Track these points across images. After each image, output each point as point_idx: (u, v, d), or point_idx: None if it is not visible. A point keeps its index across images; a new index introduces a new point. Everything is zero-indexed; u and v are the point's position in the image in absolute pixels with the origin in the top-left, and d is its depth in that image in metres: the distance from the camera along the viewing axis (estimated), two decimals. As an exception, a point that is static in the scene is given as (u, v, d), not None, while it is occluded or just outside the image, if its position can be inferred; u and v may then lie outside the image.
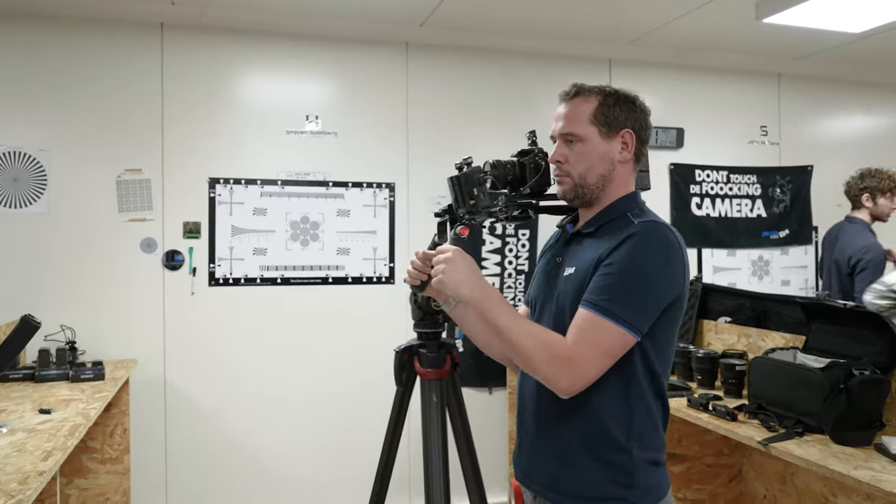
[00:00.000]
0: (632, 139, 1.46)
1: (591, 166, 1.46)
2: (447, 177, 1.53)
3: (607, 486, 1.38)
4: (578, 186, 1.47)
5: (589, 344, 1.32)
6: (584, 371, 1.33)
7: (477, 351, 4.05)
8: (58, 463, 1.85)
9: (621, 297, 1.32)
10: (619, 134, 1.46)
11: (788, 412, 2.21)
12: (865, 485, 1.74)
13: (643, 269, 1.35)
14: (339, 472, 3.73)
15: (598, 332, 1.32)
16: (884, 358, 2.19)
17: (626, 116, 1.46)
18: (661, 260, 1.37)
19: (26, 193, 3.38)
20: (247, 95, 3.66)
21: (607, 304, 1.32)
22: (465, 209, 1.50)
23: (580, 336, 1.33)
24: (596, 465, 1.39)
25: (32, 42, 3.37)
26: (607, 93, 1.48)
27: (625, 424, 1.39)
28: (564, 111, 1.49)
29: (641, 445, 1.39)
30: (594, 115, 1.45)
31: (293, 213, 3.71)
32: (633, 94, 1.50)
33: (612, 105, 1.46)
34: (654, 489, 1.41)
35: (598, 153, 1.46)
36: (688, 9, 3.52)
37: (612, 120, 1.45)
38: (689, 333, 3.25)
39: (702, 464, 2.91)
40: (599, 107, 1.45)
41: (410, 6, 3.48)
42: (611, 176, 1.47)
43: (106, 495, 3.27)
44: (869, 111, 4.84)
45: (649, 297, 1.35)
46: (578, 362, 1.32)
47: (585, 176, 1.46)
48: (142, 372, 3.45)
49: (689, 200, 4.42)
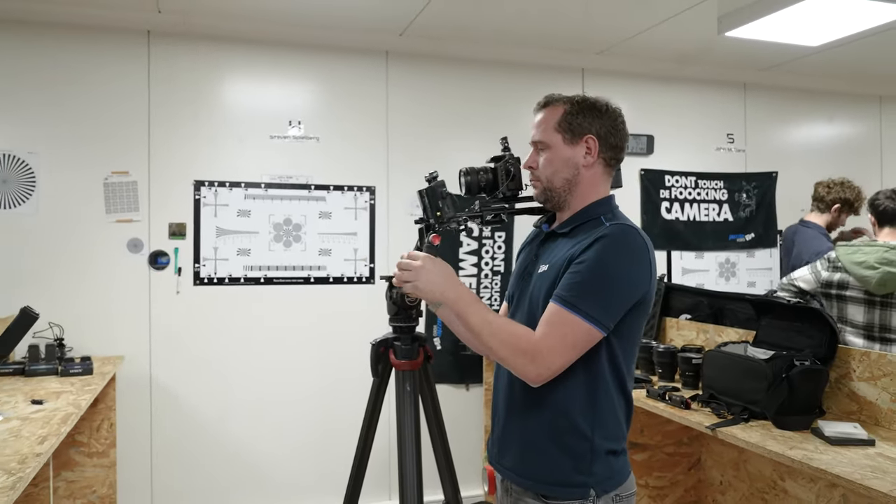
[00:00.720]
0: (595, 144, 1.56)
1: (556, 171, 1.56)
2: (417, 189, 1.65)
3: (569, 472, 1.49)
4: (547, 190, 1.58)
5: (556, 337, 1.41)
6: (551, 362, 1.42)
7: (455, 349, 4.24)
8: (53, 447, 1.97)
9: (589, 294, 1.41)
10: (582, 140, 1.55)
11: (737, 400, 2.37)
12: (798, 462, 1.90)
13: (611, 269, 1.44)
14: (321, 466, 3.85)
15: (566, 326, 1.41)
16: (823, 350, 2.36)
17: (591, 123, 1.55)
18: (627, 261, 1.46)
19: (15, 195, 3.48)
20: (231, 101, 3.79)
21: (575, 300, 1.41)
22: (433, 220, 1.62)
23: (548, 329, 1.43)
24: (559, 452, 1.50)
25: (22, 48, 3.47)
26: (574, 101, 1.58)
27: (588, 415, 1.49)
28: (536, 120, 1.61)
29: (602, 435, 1.50)
30: (559, 123, 1.56)
31: (276, 215, 3.84)
32: (604, 102, 1.59)
33: (576, 113, 1.56)
34: (615, 475, 1.52)
35: (561, 158, 1.56)
36: (652, 22, 3.70)
37: (576, 127, 1.55)
38: (653, 330, 3.42)
39: (663, 452, 3.07)
40: (564, 115, 1.56)
41: (390, 16, 3.63)
42: (576, 180, 1.57)
43: (93, 488, 3.36)
44: (831, 120, 5.05)
45: (615, 296, 1.44)
46: (545, 354, 1.41)
47: (552, 180, 1.57)
48: (128, 368, 3.56)
49: (659, 205, 4.60)
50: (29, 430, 2.11)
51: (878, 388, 2.27)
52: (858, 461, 1.87)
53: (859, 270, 2.95)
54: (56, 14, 3.46)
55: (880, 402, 2.27)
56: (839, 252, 3.06)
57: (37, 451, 1.89)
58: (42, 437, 2.04)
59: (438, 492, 1.88)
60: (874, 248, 2.96)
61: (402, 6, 3.46)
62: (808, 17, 3.48)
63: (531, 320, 1.52)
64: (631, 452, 2.98)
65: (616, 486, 1.52)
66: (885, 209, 3.17)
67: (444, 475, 1.90)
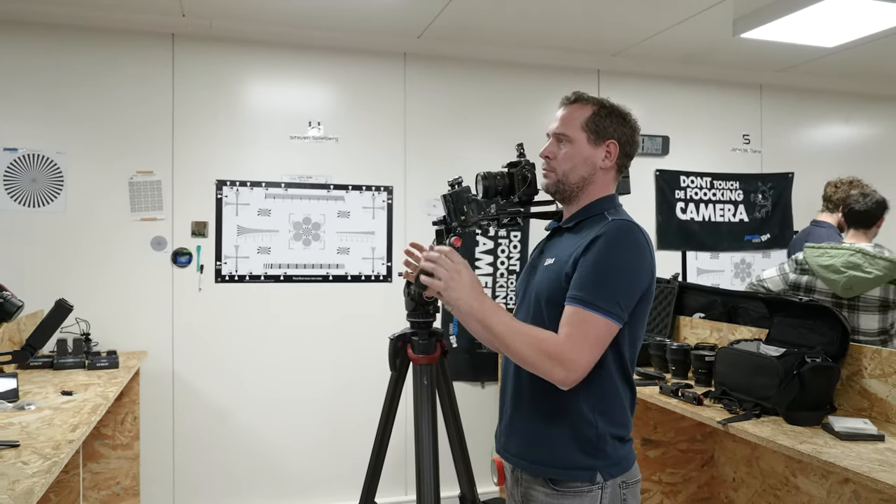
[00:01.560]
0: (615, 150, 1.63)
1: (574, 167, 1.62)
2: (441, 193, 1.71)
3: (576, 456, 1.54)
4: (560, 182, 1.64)
5: (579, 337, 1.45)
6: (578, 363, 1.45)
7: (471, 347, 4.29)
8: (84, 434, 2.05)
9: (600, 289, 1.46)
10: (605, 143, 1.62)
11: (748, 397, 2.40)
12: (807, 456, 1.94)
13: (615, 262, 1.49)
14: (337, 461, 3.91)
15: (587, 325, 1.45)
16: (835, 347, 2.39)
17: (615, 129, 1.62)
18: (628, 253, 1.51)
19: (44, 193, 3.58)
20: (252, 102, 3.88)
21: (589, 298, 1.46)
22: (457, 223, 1.67)
23: (570, 331, 1.46)
24: (566, 437, 1.55)
25: (51, 51, 3.58)
26: (603, 104, 1.64)
27: (592, 402, 1.54)
28: (562, 113, 1.66)
29: (607, 421, 1.55)
30: (587, 122, 1.62)
31: (296, 214, 3.92)
32: (628, 111, 1.66)
33: (604, 116, 1.62)
34: (621, 461, 1.57)
35: (582, 156, 1.62)
36: (668, 24, 3.73)
37: (602, 129, 1.62)
38: (667, 328, 3.45)
39: (676, 449, 3.11)
40: (593, 115, 1.62)
41: (408, 19, 3.69)
42: (591, 179, 1.63)
43: (117, 479, 3.46)
44: (847, 121, 5.04)
45: (624, 287, 1.49)
46: (571, 355, 1.44)
47: (568, 174, 1.63)
48: (151, 363, 3.66)
49: (675, 205, 4.62)
50: (61, 419, 2.19)
51: (889, 385, 2.30)
52: (867, 455, 1.90)
53: (826, 274, 2.99)
54: (84, 18, 3.56)
55: (891, 399, 2.29)
56: (807, 254, 3.09)
57: (69, 437, 1.98)
58: (73, 425, 2.12)
59: (455, 486, 1.94)
60: (840, 251, 2.98)
61: (420, 9, 3.52)
62: (824, 18, 3.49)
63: (535, 313, 1.59)
64: (644, 449, 3.04)
65: (622, 472, 1.57)
66: (851, 210, 3.21)
67: (461, 468, 1.95)
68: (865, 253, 2.93)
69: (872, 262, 2.89)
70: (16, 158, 3.54)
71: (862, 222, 3.20)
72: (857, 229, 3.21)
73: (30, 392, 2.60)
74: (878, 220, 3.21)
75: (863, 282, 2.90)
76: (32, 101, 3.57)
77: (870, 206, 3.18)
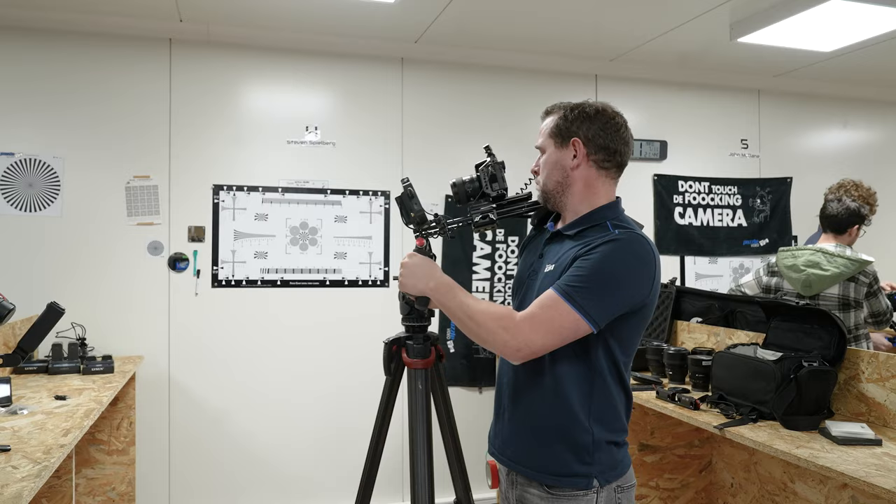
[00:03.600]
0: (580, 146, 1.60)
1: (548, 174, 1.65)
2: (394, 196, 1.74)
3: (572, 463, 1.53)
4: (543, 192, 1.68)
5: (543, 318, 1.46)
6: (531, 339, 1.46)
7: (468, 352, 4.28)
8: (76, 439, 2.04)
9: (587, 289, 1.45)
10: (569, 143, 1.62)
11: (745, 401, 2.39)
12: (804, 461, 1.92)
13: (613, 271, 1.47)
14: (335, 465, 3.90)
15: (555, 311, 1.46)
16: (831, 351, 2.38)
17: (578, 126, 1.61)
18: (631, 266, 1.50)
19: (41, 198, 3.58)
20: (250, 107, 3.88)
21: (572, 292, 1.45)
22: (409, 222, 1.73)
23: (536, 310, 1.48)
24: (562, 443, 1.54)
25: (48, 55, 3.58)
26: (568, 108, 1.64)
27: (587, 409, 1.54)
28: (541, 128, 1.70)
29: (603, 427, 1.54)
30: (552, 129, 1.65)
31: (293, 219, 3.92)
32: (598, 106, 1.62)
33: (569, 119, 1.62)
34: (617, 466, 1.56)
35: (552, 161, 1.64)
36: (665, 29, 3.73)
37: (565, 131, 1.62)
38: (664, 333, 3.43)
39: (673, 454, 3.09)
40: (557, 121, 1.64)
41: (406, 24, 3.69)
42: (567, 182, 1.62)
43: (112, 485, 3.44)
44: (846, 125, 5.04)
45: (612, 297, 1.47)
46: (526, 330, 1.46)
47: (546, 182, 1.66)
48: (147, 368, 3.64)
49: (673, 210, 4.62)
50: (53, 424, 2.18)
51: (887, 390, 2.28)
52: (864, 460, 1.89)
53: (789, 273, 3.12)
54: (81, 23, 3.56)
55: (888, 404, 2.28)
56: (778, 256, 3.19)
57: (61, 442, 1.96)
58: (66, 429, 2.11)
59: (450, 492, 1.92)
60: (804, 251, 3.12)
61: (417, 14, 3.53)
62: (821, 23, 3.50)
63: None
64: (642, 454, 3.02)
65: (617, 477, 1.56)
66: (823, 212, 3.28)
67: (456, 474, 1.93)
68: (825, 252, 3.05)
69: (831, 259, 3.00)
70: (13, 163, 3.54)
71: (832, 226, 3.26)
72: (828, 233, 3.28)
73: (23, 396, 2.58)
74: (850, 227, 3.23)
75: (821, 279, 3.01)
76: (29, 105, 3.57)
77: (839, 212, 3.22)
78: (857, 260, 3.01)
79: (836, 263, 2.99)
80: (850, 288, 3.02)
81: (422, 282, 1.60)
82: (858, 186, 3.67)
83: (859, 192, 3.62)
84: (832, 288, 3.04)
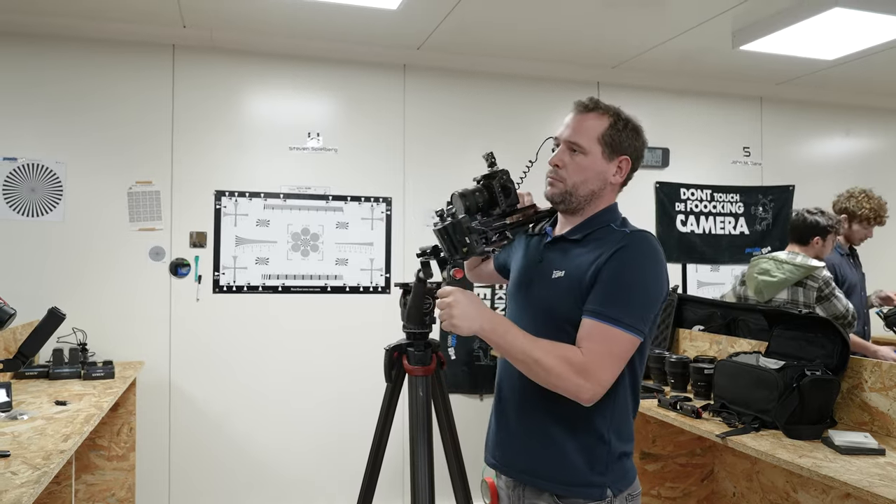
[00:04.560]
0: (627, 166, 1.58)
1: (586, 180, 1.56)
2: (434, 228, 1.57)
3: (586, 473, 1.50)
4: (568, 193, 1.57)
5: (602, 353, 1.42)
6: (602, 378, 1.42)
7: (469, 359, 4.27)
8: (76, 444, 2.03)
9: (623, 304, 1.43)
10: (618, 158, 1.57)
11: (748, 410, 2.38)
12: (806, 471, 1.91)
13: (638, 278, 1.47)
14: (336, 472, 3.89)
15: (609, 340, 1.42)
16: (834, 360, 2.37)
17: (629, 144, 1.57)
18: (653, 267, 1.49)
19: (43, 203, 3.58)
20: (252, 113, 3.88)
21: (612, 313, 1.42)
22: (459, 256, 1.53)
23: (592, 346, 1.42)
24: (577, 452, 1.51)
25: (51, 60, 3.59)
26: (620, 116, 1.58)
27: (608, 418, 1.51)
28: (576, 121, 1.58)
29: (618, 437, 1.52)
30: (603, 135, 1.55)
31: (294, 225, 3.92)
32: (640, 124, 1.61)
33: (620, 130, 1.56)
34: (627, 475, 1.55)
35: (595, 170, 1.56)
36: (667, 37, 3.74)
37: (617, 144, 1.56)
38: (666, 341, 3.42)
39: (675, 463, 3.07)
40: (609, 128, 1.56)
41: (408, 31, 3.70)
42: (600, 193, 1.58)
43: (112, 491, 3.43)
44: (848, 133, 5.04)
45: (646, 302, 1.47)
46: (595, 371, 1.41)
47: (578, 187, 1.56)
48: (148, 374, 3.64)
49: (675, 217, 4.61)
50: (53, 429, 2.17)
51: (890, 399, 2.27)
52: (867, 469, 1.88)
53: (749, 282, 3.30)
54: (85, 29, 3.57)
55: (892, 413, 2.26)
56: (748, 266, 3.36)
57: (61, 448, 1.96)
58: (66, 435, 2.10)
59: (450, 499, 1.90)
60: (763, 258, 3.28)
61: (419, 21, 3.53)
62: (823, 31, 3.50)
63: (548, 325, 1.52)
64: (644, 462, 3.01)
65: (628, 486, 1.55)
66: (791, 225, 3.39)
67: (457, 482, 1.92)
68: (776, 259, 3.21)
69: (779, 266, 3.17)
70: (15, 168, 3.55)
71: (794, 234, 3.37)
72: (793, 241, 3.37)
73: (23, 402, 2.58)
74: (812, 239, 3.29)
75: (769, 285, 3.17)
76: (32, 110, 3.58)
77: (799, 224, 3.32)
78: (803, 266, 3.13)
79: (783, 269, 3.15)
80: (798, 293, 3.12)
81: (476, 323, 1.45)
82: (869, 196, 3.62)
83: (869, 203, 3.59)
84: (781, 293, 3.16)
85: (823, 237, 3.28)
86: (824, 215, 3.31)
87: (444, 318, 1.48)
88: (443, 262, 1.61)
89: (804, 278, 3.13)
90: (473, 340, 4.14)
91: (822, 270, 3.13)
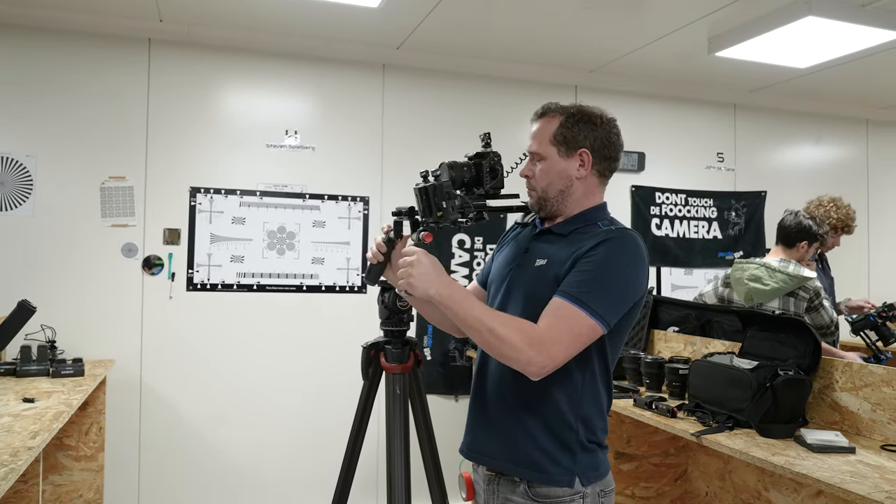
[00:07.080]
0: (588, 157, 1.59)
1: (550, 182, 1.59)
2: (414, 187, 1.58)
3: (557, 458, 1.52)
4: (542, 199, 1.61)
5: (561, 329, 1.43)
6: (555, 353, 1.42)
7: (445, 359, 4.25)
8: (44, 441, 1.98)
9: (595, 291, 1.44)
10: (577, 153, 1.59)
11: (722, 409, 2.41)
12: (780, 468, 1.94)
13: (616, 270, 1.48)
14: (310, 471, 3.85)
15: (571, 319, 1.43)
16: (807, 360, 2.41)
17: (585, 136, 1.58)
18: (631, 263, 1.50)
19: (12, 197, 3.50)
20: (229, 109, 3.84)
21: (582, 296, 1.44)
22: (432, 219, 1.55)
23: (553, 321, 1.43)
24: (547, 439, 1.53)
25: (24, 52, 3.52)
26: (570, 113, 1.59)
27: (575, 407, 1.53)
28: (533, 130, 1.63)
29: (586, 426, 1.54)
30: (554, 136, 1.58)
31: (270, 223, 3.88)
32: (598, 113, 1.60)
33: (571, 126, 1.58)
34: (598, 467, 1.56)
35: (556, 171, 1.59)
36: (644, 42, 3.78)
37: (571, 140, 1.58)
38: (642, 342, 3.45)
39: (649, 463, 3.10)
40: (560, 127, 1.58)
41: (388, 30, 3.69)
42: (569, 191, 1.60)
43: (80, 492, 3.36)
44: (818, 141, 5.14)
45: (619, 295, 1.48)
46: (549, 344, 1.41)
47: (547, 190, 1.60)
48: (118, 372, 3.57)
49: (650, 221, 4.66)
50: (21, 426, 2.12)
51: (860, 399, 2.32)
52: (839, 467, 1.91)
53: (736, 286, 3.25)
54: (59, 20, 3.50)
55: (861, 412, 2.31)
56: (732, 268, 3.33)
57: (28, 445, 1.91)
58: (34, 432, 2.05)
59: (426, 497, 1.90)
60: (751, 265, 3.24)
61: (400, 21, 3.53)
62: (797, 39, 3.56)
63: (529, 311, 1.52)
64: (618, 462, 3.02)
65: (599, 479, 1.56)
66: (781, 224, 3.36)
67: (432, 478, 1.92)
68: (769, 267, 3.16)
69: (772, 274, 3.12)
70: (-17, 161, 3.46)
71: (782, 238, 3.33)
72: (778, 245, 3.35)
73: (-10, 399, 2.52)
74: (799, 243, 3.27)
75: (761, 293, 3.12)
76: (2, 102, 3.50)
77: (789, 225, 3.29)
78: (797, 276, 3.09)
79: (777, 279, 3.09)
80: (789, 303, 3.10)
81: (433, 287, 1.46)
82: (838, 206, 3.63)
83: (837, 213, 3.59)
84: (772, 302, 3.12)
85: (810, 243, 3.27)
86: (815, 221, 3.29)
87: (403, 277, 1.48)
88: (415, 224, 1.61)
89: (796, 288, 3.09)
90: (449, 341, 4.13)
91: (814, 281, 3.11)
